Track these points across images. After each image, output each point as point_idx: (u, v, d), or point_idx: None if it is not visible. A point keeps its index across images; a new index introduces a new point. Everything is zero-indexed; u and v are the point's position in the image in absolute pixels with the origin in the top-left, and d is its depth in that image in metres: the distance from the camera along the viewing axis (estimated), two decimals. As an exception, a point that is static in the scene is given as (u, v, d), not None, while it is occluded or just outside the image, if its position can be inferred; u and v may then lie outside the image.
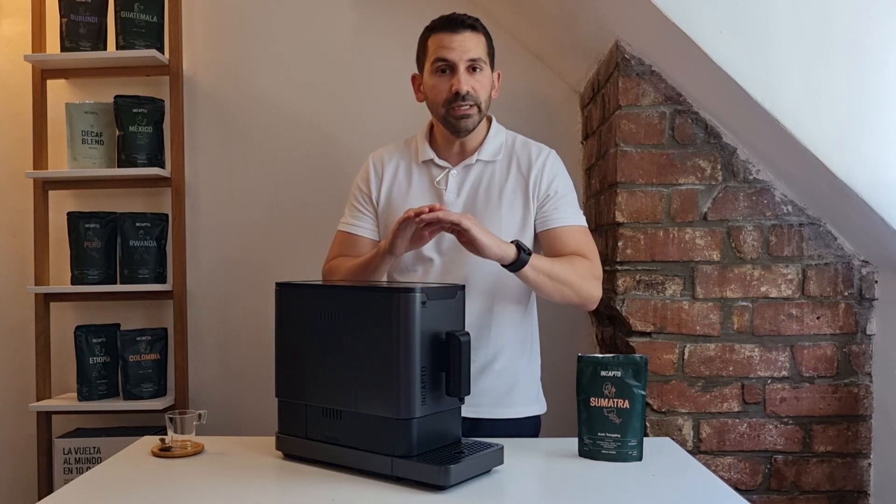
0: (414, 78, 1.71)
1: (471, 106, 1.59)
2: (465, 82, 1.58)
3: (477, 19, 1.63)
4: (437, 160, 1.68)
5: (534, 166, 1.66)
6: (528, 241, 1.64)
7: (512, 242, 1.49)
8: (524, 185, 1.65)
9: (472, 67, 1.59)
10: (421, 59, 1.67)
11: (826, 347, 1.96)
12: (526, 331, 1.71)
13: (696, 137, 1.97)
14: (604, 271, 2.17)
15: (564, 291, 1.55)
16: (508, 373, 1.66)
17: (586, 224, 1.69)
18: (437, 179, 1.67)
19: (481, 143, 1.67)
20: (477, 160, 1.66)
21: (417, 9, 2.57)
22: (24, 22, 2.59)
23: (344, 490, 1.24)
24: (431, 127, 1.72)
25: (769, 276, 1.96)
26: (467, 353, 1.28)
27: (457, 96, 1.58)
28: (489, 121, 1.71)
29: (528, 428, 1.70)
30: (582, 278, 1.56)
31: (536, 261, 1.50)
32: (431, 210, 1.42)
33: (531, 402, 1.72)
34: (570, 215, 1.65)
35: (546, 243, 1.65)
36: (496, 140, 1.69)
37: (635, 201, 1.98)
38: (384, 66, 2.60)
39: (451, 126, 1.62)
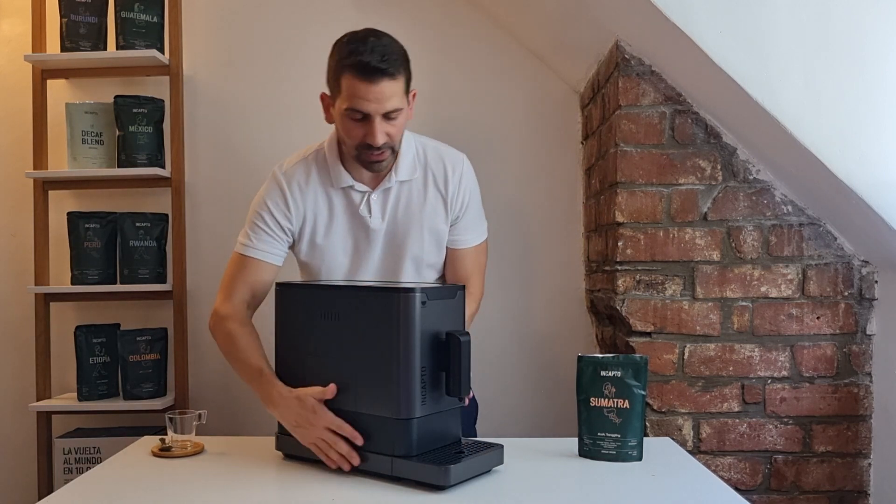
0: (323, 98, 1.59)
1: (384, 151, 1.52)
2: (381, 134, 1.48)
3: (395, 54, 1.47)
4: (356, 185, 1.60)
5: (450, 182, 1.64)
6: (443, 254, 1.69)
7: None
8: (443, 202, 1.64)
9: (387, 116, 1.49)
10: (332, 91, 1.54)
11: (826, 347, 1.96)
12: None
13: (696, 137, 1.97)
14: (604, 271, 2.19)
15: None
16: None
17: (486, 234, 1.76)
18: (361, 207, 1.61)
19: (394, 163, 1.60)
20: (395, 181, 1.61)
21: (418, 9, 2.57)
22: (24, 22, 2.59)
23: (344, 490, 1.24)
24: (340, 145, 1.62)
25: (769, 276, 1.96)
26: (467, 353, 1.28)
27: (370, 145, 1.49)
28: None
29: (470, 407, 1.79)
30: (471, 316, 1.67)
31: None
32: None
33: None
34: (474, 236, 1.72)
35: (449, 257, 1.70)
36: (408, 156, 1.62)
37: (635, 201, 1.98)
38: (384, 66, 2.60)
39: (364, 165, 1.56)
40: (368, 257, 1.64)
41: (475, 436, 1.75)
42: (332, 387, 1.32)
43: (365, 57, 1.44)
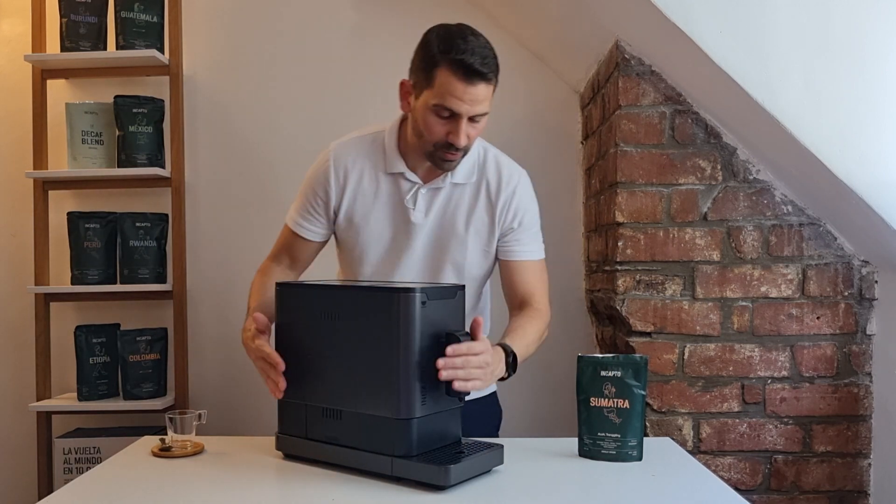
0: (403, 84, 1.54)
1: (460, 153, 1.49)
2: (465, 136, 1.45)
3: (493, 58, 1.44)
4: (407, 174, 1.56)
5: (502, 193, 1.59)
6: (488, 266, 1.64)
7: (498, 346, 1.42)
8: (491, 211, 1.59)
9: (473, 118, 1.46)
10: (420, 82, 1.47)
11: (826, 347, 1.96)
12: (483, 315, 1.70)
13: (696, 137, 1.97)
14: (604, 271, 2.19)
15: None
16: None
17: (543, 255, 1.67)
18: (407, 197, 1.58)
19: None
20: (449, 182, 1.58)
21: (418, 10, 2.57)
22: (24, 22, 2.59)
23: (344, 490, 1.24)
24: (401, 125, 1.59)
25: (769, 276, 1.96)
26: (467, 353, 1.28)
27: (451, 144, 1.46)
28: None
29: (493, 404, 1.78)
30: (540, 334, 1.59)
31: (520, 355, 1.48)
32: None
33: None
34: (530, 249, 1.63)
35: (504, 271, 1.64)
36: (469, 159, 1.58)
37: (635, 201, 1.98)
38: (384, 67, 2.60)
39: (434, 163, 1.52)
40: (407, 254, 1.59)
41: None
42: (259, 316, 1.45)
43: (467, 57, 1.39)
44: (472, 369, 1.27)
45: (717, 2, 1.70)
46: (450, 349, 1.24)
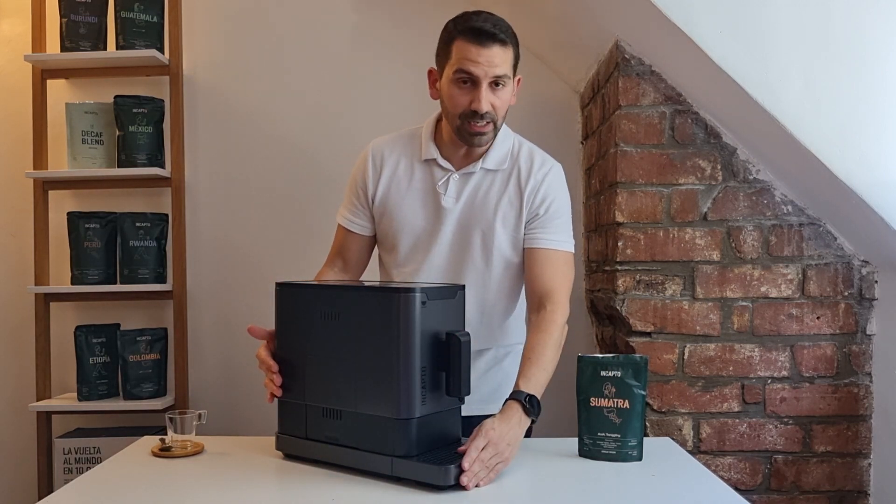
0: (430, 73, 1.59)
1: (487, 123, 1.51)
2: (486, 101, 1.48)
3: (507, 27, 1.50)
4: (440, 161, 1.61)
5: (531, 179, 1.59)
6: (518, 257, 1.61)
7: (512, 400, 1.38)
8: (519, 197, 1.60)
9: (495, 83, 1.49)
10: (441, 61, 1.54)
11: (826, 347, 1.96)
12: (514, 330, 1.70)
13: (696, 137, 1.97)
14: (604, 271, 2.19)
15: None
16: (496, 370, 1.67)
17: (572, 249, 1.64)
18: (439, 184, 1.61)
19: (487, 149, 1.60)
20: (481, 168, 1.60)
21: (418, 10, 2.57)
22: (24, 22, 2.59)
23: (344, 490, 1.24)
24: (438, 121, 1.63)
25: (769, 276, 1.96)
26: (467, 353, 1.28)
27: (475, 113, 1.49)
28: None
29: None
30: (558, 346, 1.52)
31: (539, 387, 1.42)
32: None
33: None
34: (555, 238, 1.61)
35: (527, 262, 1.61)
36: (502, 148, 1.61)
37: (635, 201, 1.98)
38: (384, 67, 2.60)
39: (463, 138, 1.55)
40: (437, 240, 1.60)
41: None
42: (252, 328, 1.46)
43: (478, 23, 1.48)
44: (489, 462, 1.27)
45: (717, 2, 1.70)
46: (465, 464, 1.23)
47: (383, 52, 2.60)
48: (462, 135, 1.54)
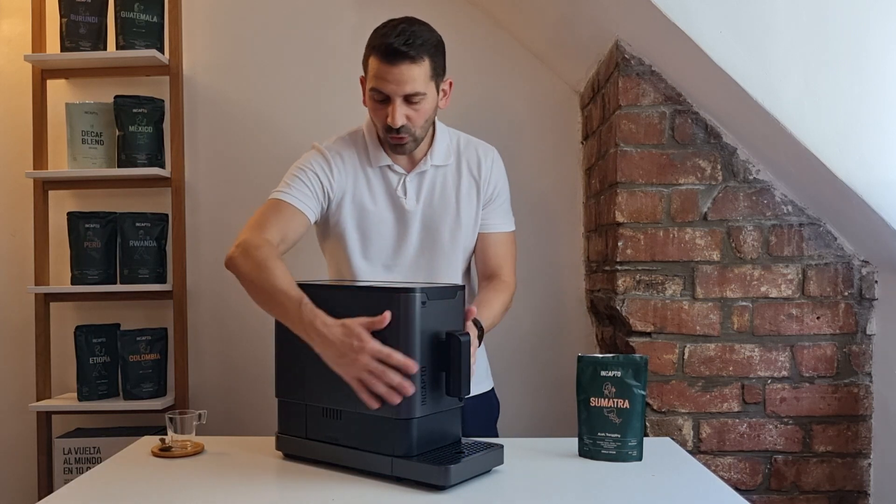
0: (361, 80, 1.63)
1: (403, 136, 1.56)
2: (401, 116, 1.52)
3: (423, 41, 1.50)
4: (393, 166, 1.65)
5: (483, 167, 1.70)
6: (475, 239, 1.72)
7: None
8: (476, 186, 1.70)
9: (409, 99, 1.53)
10: (364, 73, 1.60)
11: (826, 347, 1.96)
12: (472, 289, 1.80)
13: (696, 137, 1.97)
14: (604, 271, 2.19)
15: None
16: None
17: (514, 227, 1.78)
18: (396, 187, 1.66)
19: (429, 148, 1.66)
20: (430, 165, 1.66)
21: (418, 10, 2.57)
22: (24, 22, 2.59)
23: (344, 490, 1.24)
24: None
25: (769, 276, 1.96)
26: (467, 353, 1.28)
27: (391, 127, 1.53)
28: (433, 124, 1.67)
29: (490, 398, 1.83)
30: (505, 306, 1.67)
31: (485, 327, 1.54)
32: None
33: (486, 378, 1.82)
34: (503, 221, 1.75)
35: (479, 243, 1.73)
36: (442, 143, 1.68)
37: (635, 201, 1.98)
38: (384, 66, 2.60)
39: (390, 148, 1.62)
40: (405, 242, 1.66)
41: (497, 436, 1.75)
42: (387, 314, 1.23)
43: (389, 39, 1.49)
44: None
45: (717, 2, 1.70)
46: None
47: (383, 52, 2.60)
48: (388, 147, 1.61)
